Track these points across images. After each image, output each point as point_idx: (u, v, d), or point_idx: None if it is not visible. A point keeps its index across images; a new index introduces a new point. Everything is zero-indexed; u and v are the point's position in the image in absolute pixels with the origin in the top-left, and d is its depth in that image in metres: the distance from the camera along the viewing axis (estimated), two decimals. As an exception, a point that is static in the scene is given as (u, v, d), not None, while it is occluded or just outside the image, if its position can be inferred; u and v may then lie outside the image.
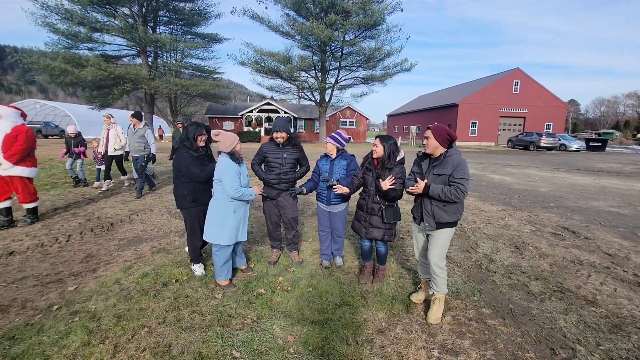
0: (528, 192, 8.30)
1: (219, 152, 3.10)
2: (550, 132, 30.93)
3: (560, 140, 25.75)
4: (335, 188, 3.21)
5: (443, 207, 2.63)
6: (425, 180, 2.65)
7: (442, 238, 2.71)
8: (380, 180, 2.95)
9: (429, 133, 2.67)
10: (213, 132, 3.16)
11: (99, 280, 3.27)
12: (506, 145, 29.92)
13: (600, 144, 26.28)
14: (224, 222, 3.07)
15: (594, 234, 5.02)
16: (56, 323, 2.54)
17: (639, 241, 4.71)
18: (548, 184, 9.73)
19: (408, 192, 2.75)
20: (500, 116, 32.84)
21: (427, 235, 2.85)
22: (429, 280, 2.98)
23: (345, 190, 3.17)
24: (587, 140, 27.33)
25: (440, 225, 2.66)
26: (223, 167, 3.00)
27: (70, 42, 22.48)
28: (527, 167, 14.06)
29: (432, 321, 2.70)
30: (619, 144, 39.97)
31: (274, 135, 3.53)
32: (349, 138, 3.62)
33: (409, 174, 2.96)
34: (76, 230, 4.75)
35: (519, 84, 32.25)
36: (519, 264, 3.89)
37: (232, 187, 2.98)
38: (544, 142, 24.95)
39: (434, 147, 2.66)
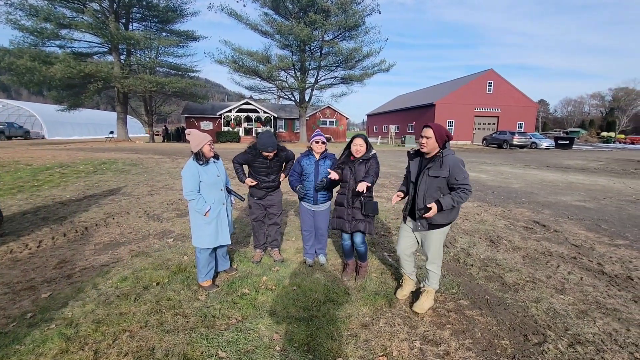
0: (502, 189, 8.66)
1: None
2: (522, 130, 32.32)
3: (531, 138, 26.96)
4: (327, 178, 3.17)
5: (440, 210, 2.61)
6: (434, 203, 2.55)
7: (436, 238, 2.75)
8: (360, 183, 2.98)
9: (429, 132, 2.54)
10: (186, 131, 3.12)
11: (74, 286, 3.15)
12: (481, 143, 30.99)
13: (567, 142, 27.73)
14: (201, 226, 3.05)
15: (562, 227, 5.31)
16: (31, 331, 2.44)
17: (602, 233, 5.02)
18: (520, 180, 10.19)
19: (425, 217, 2.62)
20: (475, 115, 33.98)
21: (422, 235, 2.86)
22: (414, 273, 3.08)
23: (336, 176, 3.10)
24: (556, 139, 28.79)
25: (433, 226, 2.70)
26: (183, 168, 2.99)
27: (36, 39, 21.36)
28: (501, 165, 14.63)
29: (417, 310, 2.80)
30: (585, 142, 42.31)
31: (264, 154, 3.41)
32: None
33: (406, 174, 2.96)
34: (47, 235, 4.54)
35: (492, 84, 33.48)
36: (494, 257, 4.06)
37: (185, 189, 2.97)
38: (517, 140, 26.04)
39: (433, 147, 2.58)
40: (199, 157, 2.98)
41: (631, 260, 3.98)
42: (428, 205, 2.55)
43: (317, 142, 3.40)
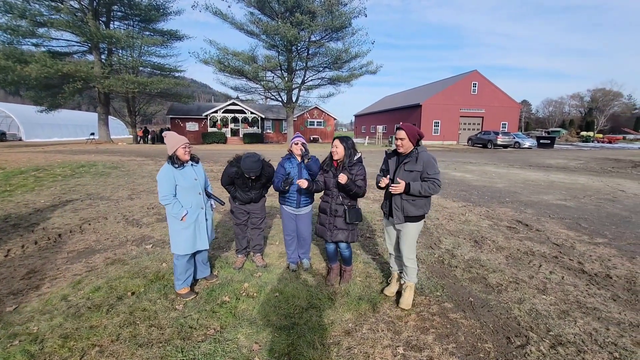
0: (486, 189, 8.77)
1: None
2: (506, 130, 33.01)
3: (514, 138, 27.56)
4: (298, 182, 3.09)
5: (412, 201, 2.77)
6: (402, 180, 2.72)
7: (411, 232, 2.87)
8: (339, 175, 2.92)
9: (403, 134, 2.76)
10: (163, 133, 3.01)
11: (42, 298, 2.98)
12: (466, 143, 31.49)
13: (549, 142, 28.48)
14: (178, 231, 2.93)
15: (544, 226, 5.38)
16: (-9, 349, 2.28)
17: (582, 231, 5.12)
18: (504, 180, 10.35)
19: (389, 190, 2.77)
20: (461, 116, 34.53)
21: (398, 230, 2.97)
22: (401, 272, 3.11)
23: (305, 184, 3.05)
24: (538, 138, 29.52)
25: (408, 218, 2.81)
26: (159, 173, 2.90)
27: (10, 37, 20.53)
28: (485, 165, 14.87)
29: (403, 306, 2.88)
30: (565, 141, 43.53)
31: (246, 175, 3.31)
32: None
33: (379, 172, 3.03)
34: (17, 244, 4.31)
35: (477, 85, 34.09)
36: (478, 257, 4.07)
37: (160, 193, 2.88)
38: (501, 140, 26.58)
39: (408, 146, 2.79)
40: (174, 160, 2.88)
41: (610, 258, 4.05)
42: (399, 180, 2.71)
43: (297, 144, 3.33)
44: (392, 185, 2.73)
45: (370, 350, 2.35)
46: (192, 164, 3.03)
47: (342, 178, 2.88)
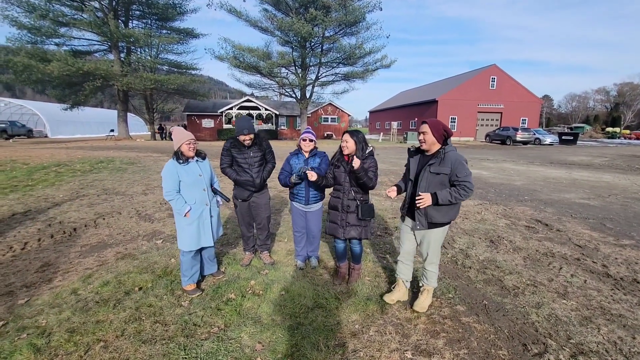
0: (504, 186, 8.46)
1: None
2: (526, 126, 31.91)
3: (535, 134, 26.58)
4: (308, 173, 3.00)
5: (436, 206, 2.53)
6: (428, 193, 2.48)
7: (436, 238, 2.67)
8: (354, 158, 2.80)
9: (425, 127, 2.49)
10: (171, 129, 3.02)
11: (54, 291, 3.03)
12: (484, 140, 30.64)
13: (572, 138, 27.35)
14: (183, 227, 2.92)
15: (565, 226, 5.12)
16: (0, 341, 2.32)
17: (607, 232, 4.84)
18: (523, 177, 9.97)
19: (418, 206, 2.52)
20: (478, 112, 33.57)
21: (420, 234, 2.77)
22: (408, 280, 2.97)
23: (315, 176, 2.96)
24: (560, 135, 28.39)
25: (432, 225, 2.60)
26: (163, 169, 2.89)
27: (33, 36, 21.29)
28: (503, 161, 14.39)
29: (418, 309, 2.76)
30: (589, 138, 41.73)
31: (242, 138, 3.30)
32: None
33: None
34: (34, 237, 4.43)
35: (495, 80, 33.04)
36: (493, 258, 3.90)
37: (164, 189, 2.88)
38: (520, 136, 25.71)
39: (431, 142, 2.52)
40: (179, 156, 2.87)
41: (637, 261, 3.80)
42: (422, 194, 2.47)
43: (305, 140, 3.25)
44: (417, 199, 2.47)
45: (377, 354, 2.27)
46: (197, 160, 3.01)
47: (356, 162, 2.74)
